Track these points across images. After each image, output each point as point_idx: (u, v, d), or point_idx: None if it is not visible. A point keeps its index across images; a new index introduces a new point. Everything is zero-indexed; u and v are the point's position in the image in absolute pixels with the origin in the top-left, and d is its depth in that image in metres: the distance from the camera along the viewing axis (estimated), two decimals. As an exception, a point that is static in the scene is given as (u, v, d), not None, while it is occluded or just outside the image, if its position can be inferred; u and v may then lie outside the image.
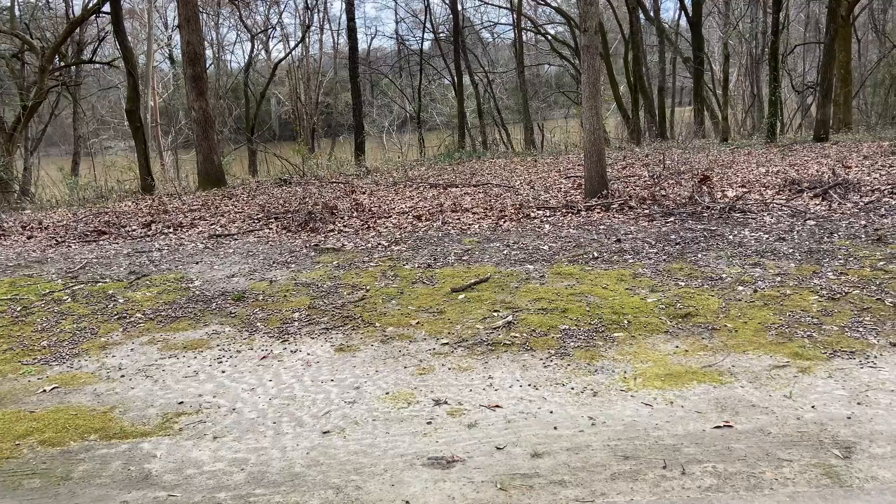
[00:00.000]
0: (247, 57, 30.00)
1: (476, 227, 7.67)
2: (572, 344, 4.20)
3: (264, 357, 4.24)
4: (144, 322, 5.00)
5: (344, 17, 24.64)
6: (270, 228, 8.17)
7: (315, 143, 26.21)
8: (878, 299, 4.57)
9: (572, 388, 3.62)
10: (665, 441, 3.02)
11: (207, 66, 16.49)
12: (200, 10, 16.21)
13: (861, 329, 4.15)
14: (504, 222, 7.80)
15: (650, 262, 5.77)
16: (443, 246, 6.78)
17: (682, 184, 9.23)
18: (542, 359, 4.01)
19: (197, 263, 6.66)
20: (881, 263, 5.27)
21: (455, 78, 22.99)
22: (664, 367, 3.80)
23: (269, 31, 28.05)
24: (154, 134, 23.63)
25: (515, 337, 4.33)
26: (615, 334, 4.30)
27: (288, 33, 32.06)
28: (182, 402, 3.67)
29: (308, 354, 4.25)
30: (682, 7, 20.88)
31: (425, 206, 8.96)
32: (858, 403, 3.27)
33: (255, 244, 7.42)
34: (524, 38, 26.30)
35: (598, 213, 7.93)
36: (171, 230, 8.53)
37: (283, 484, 2.84)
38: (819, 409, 3.24)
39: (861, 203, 7.38)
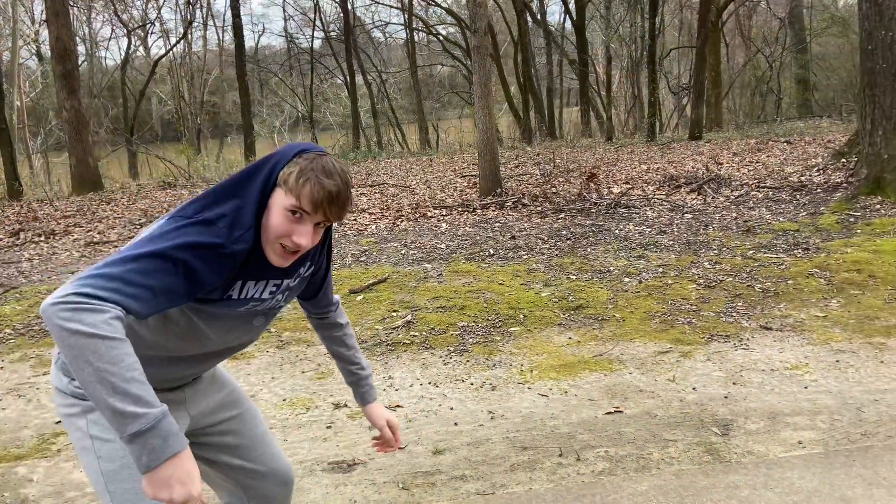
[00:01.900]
0: (123, 53, 28.36)
1: (373, 227, 7.62)
2: (471, 340, 4.26)
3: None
4: (15, 338, 4.62)
5: (229, 13, 23.79)
6: (155, 233, 7.76)
7: (201, 144, 25.16)
8: (748, 286, 4.92)
9: (472, 384, 3.66)
10: (561, 430, 3.12)
11: (80, 62, 15.45)
12: (71, 3, 15.17)
13: (735, 314, 4.45)
14: (401, 222, 7.79)
15: (543, 257, 5.95)
16: (339, 247, 6.69)
17: (571, 181, 9.58)
18: (441, 356, 4.03)
19: (72, 273, 6.22)
20: (750, 252, 5.69)
21: (348, 77, 22.77)
22: (559, 359, 3.92)
23: (148, 26, 26.63)
24: (21, 136, 21.87)
25: (415, 336, 4.34)
26: (512, 329, 4.40)
27: (168, 29, 30.57)
28: (60, 422, 3.41)
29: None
30: (567, 11, 21.69)
31: (320, 208, 8.80)
32: (734, 383, 3.51)
33: (139, 250, 7.02)
34: (416, 38, 26.44)
35: (493, 210, 8.08)
36: (42, 238, 7.92)
37: (175, 501, 2.70)
38: (699, 390, 3.45)
39: (732, 197, 7.94)
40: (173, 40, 25.75)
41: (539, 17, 23.30)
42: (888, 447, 2.79)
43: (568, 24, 23.36)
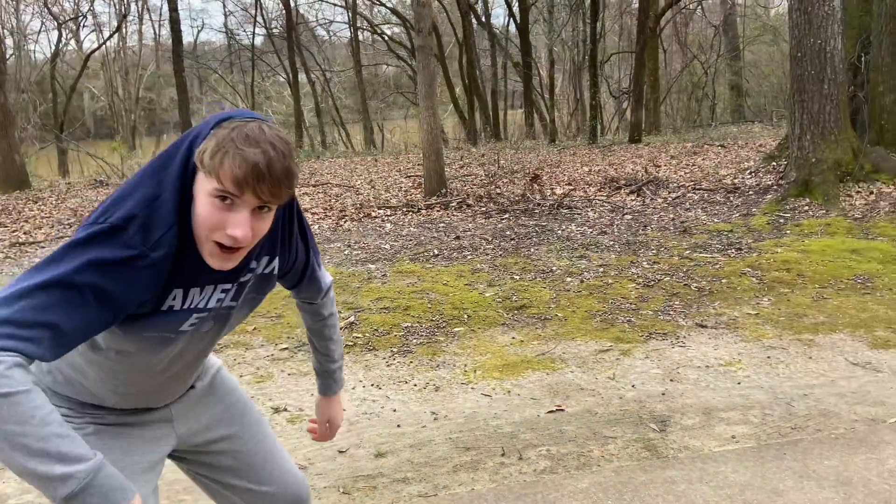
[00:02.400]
0: (53, 47, 27.22)
1: (316, 227, 7.51)
2: (415, 341, 4.23)
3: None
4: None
5: (166, 6, 23.14)
6: (86, 234, 7.45)
7: (136, 142, 24.37)
8: (685, 285, 5.05)
9: (415, 385, 3.64)
10: (504, 429, 3.12)
11: (7, 56, 14.75)
12: (-5, -9, 14.46)
13: (672, 312, 4.56)
14: (345, 222, 7.71)
15: (487, 257, 5.97)
16: (280, 247, 6.55)
17: (515, 182, 9.66)
18: (384, 358, 3.99)
19: (-4, 275, 5.91)
20: (687, 252, 5.84)
21: (290, 75, 22.42)
22: (502, 358, 3.93)
23: (80, 19, 25.64)
24: (-59, 130, 20.72)
25: (358, 337, 4.28)
26: (456, 329, 4.39)
27: (102, 22, 29.55)
28: None
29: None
30: (511, 14, 21.90)
31: (261, 207, 8.62)
32: (671, 380, 3.58)
33: (68, 251, 6.73)
34: (361, 37, 26.24)
35: (438, 211, 8.08)
36: (-37, 238, 7.50)
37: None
38: (638, 387, 3.51)
39: (669, 198, 8.15)
40: (107, 34, 24.88)
41: (484, 19, 23.46)
42: (817, 440, 2.89)
43: (512, 27, 23.60)
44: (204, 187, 1.11)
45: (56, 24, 24.40)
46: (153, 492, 1.40)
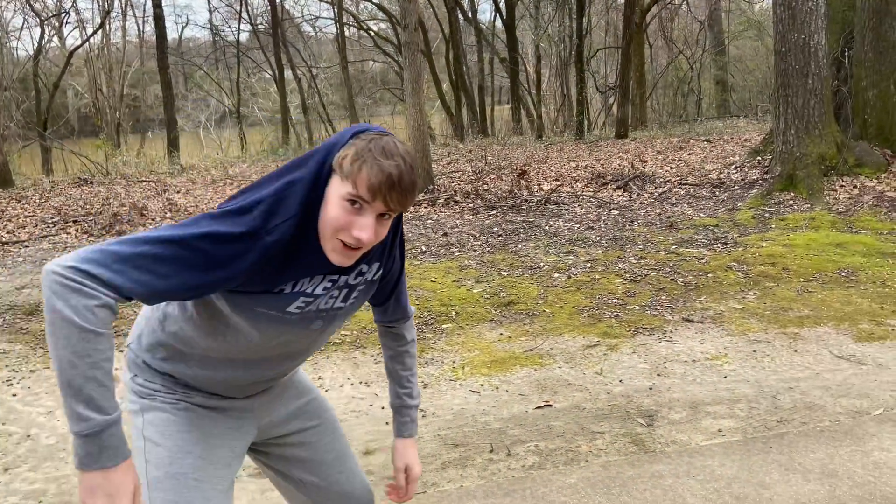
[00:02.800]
0: (36, 44, 26.90)
1: (302, 224, 7.48)
2: (402, 338, 4.22)
3: (64, 375, 3.81)
4: (-90, 346, 4.29)
5: (150, 2, 22.89)
6: (69, 233, 7.38)
7: (121, 139, 24.15)
8: (671, 280, 5.08)
9: (403, 382, 3.63)
10: (492, 425, 3.13)
11: (-13, 51, 14.56)
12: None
13: (658, 307, 4.58)
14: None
15: (475, 253, 5.97)
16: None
17: (502, 178, 9.66)
18: (373, 355, 3.99)
19: (-21, 275, 5.84)
20: (673, 247, 5.87)
21: (276, 72, 22.29)
22: (490, 355, 3.94)
23: (63, 15, 25.34)
24: (-79, 128, 20.43)
25: (346, 335, 4.27)
26: (444, 326, 4.39)
27: (85, 19, 29.24)
28: None
29: (116, 369, 3.87)
30: (497, 9, 21.88)
31: (248, 205, 8.58)
32: (658, 375, 3.60)
33: (51, 251, 6.66)
34: (347, 33, 26.13)
35: (426, 207, 8.07)
36: (-56, 238, 7.40)
37: (89, 514, 2.56)
38: (626, 382, 3.53)
39: (656, 193, 8.18)
40: (90, 30, 24.61)
41: (470, 14, 23.42)
42: (803, 433, 2.92)
43: (498, 23, 23.59)
44: (338, 190, 1.22)
45: (38, 20, 24.11)
46: (229, 487, 1.43)
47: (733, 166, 9.09)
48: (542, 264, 5.56)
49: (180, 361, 1.40)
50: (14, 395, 3.59)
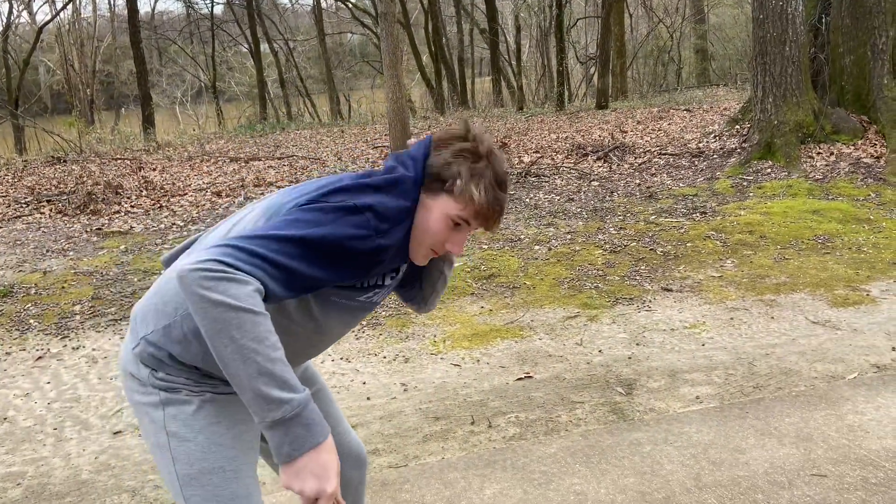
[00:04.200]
0: (4, 19, 26.15)
1: (281, 200, 7.40)
2: (384, 313, 4.21)
3: (40, 357, 3.76)
4: None
5: (121, -25, 22.29)
6: (42, 213, 7.25)
7: (95, 116, 23.68)
8: (651, 250, 5.10)
9: (384, 357, 3.63)
10: (473, 398, 3.14)
11: (-49, 27, 14.13)
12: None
13: (638, 277, 4.61)
14: (310, 195, 7.60)
15: (455, 227, 5.95)
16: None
17: (482, 151, 9.60)
18: (354, 331, 3.98)
19: (-50, 257, 5.73)
20: (653, 217, 5.89)
21: (252, 45, 21.90)
22: (471, 328, 3.94)
23: (31, -12, 24.61)
24: None
25: (325, 311, 4.25)
26: (424, 300, 4.38)
27: (54, -8, 28.37)
28: None
29: (94, 350, 3.84)
30: (476, -21, 21.58)
31: (225, 182, 8.48)
32: (637, 344, 3.63)
33: (24, 231, 6.54)
34: (324, 4, 25.68)
35: (405, 181, 8.00)
36: (-86, 220, 7.25)
37: (69, 494, 2.55)
38: (605, 352, 3.55)
39: (636, 164, 8.19)
40: (60, 5, 23.94)
41: (448, -16, 23.09)
42: (778, 398, 2.96)
43: (477, -7, 23.27)
44: (445, 207, 1.28)
45: (4, -6, 23.41)
46: (255, 468, 1.42)
47: (712, 135, 9.12)
48: (522, 237, 5.56)
49: (208, 352, 1.34)
50: (-11, 379, 3.54)
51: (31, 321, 4.27)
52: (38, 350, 3.87)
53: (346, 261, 1.21)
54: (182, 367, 1.33)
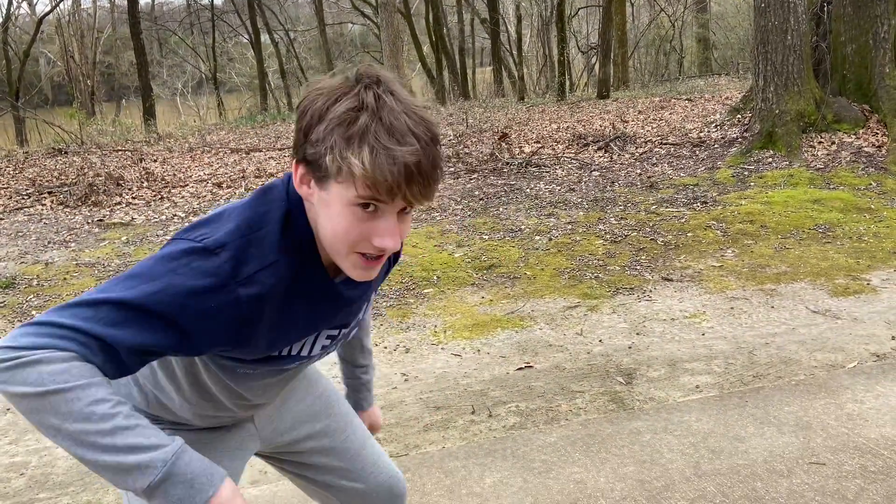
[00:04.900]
0: (4, 11, 26.09)
1: (282, 191, 7.41)
2: (385, 304, 4.22)
3: (43, 349, 3.78)
4: None
5: (120, -34, 22.23)
6: (44, 204, 7.26)
7: (96, 108, 23.66)
8: (651, 240, 5.10)
9: (385, 347, 3.64)
10: (473, 388, 3.15)
11: (-50, 18, 14.11)
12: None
13: (638, 267, 4.61)
14: (311, 186, 7.60)
15: (457, 218, 5.95)
16: (247, 213, 6.46)
17: (483, 141, 9.59)
18: (353, 321, 3.99)
19: (-48, 249, 5.75)
20: (653, 207, 5.89)
21: (252, 36, 21.84)
22: (472, 318, 3.95)
23: (30, -21, 24.54)
24: None
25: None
26: (425, 291, 4.39)
27: (54, -17, 28.26)
28: None
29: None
30: (477, -32, 21.49)
31: (226, 173, 8.48)
32: (637, 334, 3.64)
33: (26, 223, 6.56)
34: (324, -5, 25.55)
35: (406, 172, 8.00)
36: (-84, 213, 7.26)
37: (72, 484, 2.57)
38: (605, 342, 3.56)
39: (637, 154, 8.17)
40: (58, -5, 23.85)
41: (449, -26, 23.00)
42: (778, 387, 2.97)
43: (478, -18, 23.18)
44: (339, 194, 0.95)
45: (3, -15, 23.34)
46: None
47: (713, 125, 9.09)
48: (523, 227, 5.56)
49: (164, 407, 1.23)
50: (-8, 370, 3.56)
51: (34, 312, 4.28)
52: (40, 341, 3.88)
53: (197, 323, 0.95)
54: (145, 415, 1.23)
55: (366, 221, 0.96)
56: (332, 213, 0.97)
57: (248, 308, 0.98)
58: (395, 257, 1.27)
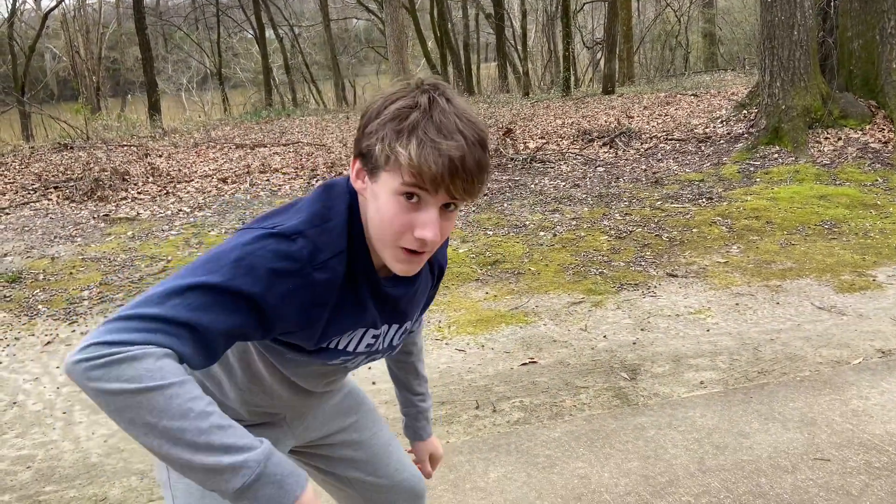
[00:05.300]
0: (10, 6, 26.14)
1: (287, 187, 7.41)
2: (388, 298, 4.23)
3: (49, 342, 3.80)
4: None
5: (125, -39, 22.23)
6: (50, 199, 7.29)
7: (101, 103, 23.70)
8: (656, 235, 5.09)
9: (389, 342, 3.65)
10: (478, 383, 3.16)
11: (-44, 13, 14.10)
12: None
13: (643, 263, 4.60)
14: (316, 181, 7.61)
15: (461, 213, 5.95)
16: (252, 209, 6.47)
17: (488, 137, 9.57)
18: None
19: (-41, 244, 5.77)
20: (658, 203, 5.87)
21: (257, 31, 21.83)
22: (476, 314, 3.95)
23: (35, -26, 24.55)
24: None
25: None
26: (429, 285, 4.40)
27: (59, -22, 28.28)
28: None
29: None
30: (482, -37, 21.42)
31: (231, 168, 8.49)
32: (642, 329, 3.64)
33: (32, 217, 6.58)
34: (328, -10, 25.50)
35: (410, 167, 7.99)
36: (-77, 207, 7.29)
37: (78, 477, 2.58)
38: (610, 338, 3.56)
39: (642, 149, 8.15)
40: (64, -10, 23.87)
41: (454, -31, 22.92)
42: (783, 383, 2.97)
43: (483, -23, 23.11)
44: (387, 184, 0.99)
45: (9, -19, 23.38)
46: None
47: (719, 120, 9.06)
48: (527, 223, 5.55)
49: (213, 397, 1.22)
50: (-1, 363, 3.58)
51: (40, 306, 4.30)
52: (46, 335, 3.90)
53: (278, 303, 0.98)
54: None
55: (409, 212, 0.99)
56: (379, 203, 1.01)
57: (321, 291, 1.02)
58: (439, 272, 1.30)
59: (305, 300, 1.01)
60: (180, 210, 6.54)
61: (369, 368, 3.35)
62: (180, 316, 0.92)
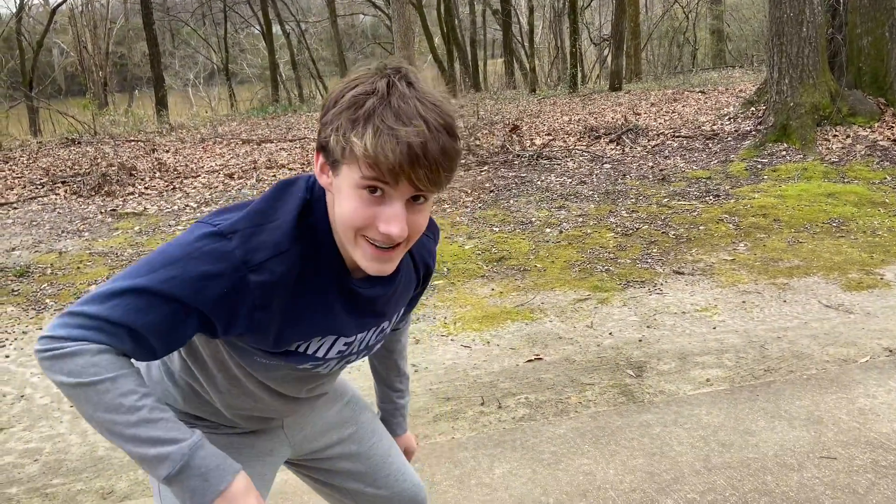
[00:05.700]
0: (18, 1, 26.21)
1: (293, 182, 7.42)
2: (394, 294, 4.23)
3: (57, 337, 3.82)
4: None
5: (133, -44, 22.26)
6: (57, 194, 7.32)
7: (108, 98, 23.78)
8: (663, 233, 5.08)
9: (395, 338, 3.65)
10: (483, 379, 3.16)
11: (-35, 8, 14.16)
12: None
13: (650, 260, 4.59)
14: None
15: (467, 210, 5.95)
16: (258, 204, 6.49)
17: (494, 133, 9.56)
18: (364, 312, 4.00)
19: (-32, 238, 5.80)
20: (665, 200, 5.86)
21: (264, 27, 21.85)
22: (482, 310, 3.95)
23: (43, -30, 24.62)
24: None
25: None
26: (436, 282, 4.40)
27: (67, -26, 28.35)
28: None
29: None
30: (489, -41, 21.37)
31: (237, 164, 8.50)
32: (648, 327, 3.63)
33: (40, 212, 6.61)
34: (335, -14, 25.49)
35: (416, 164, 7.99)
36: (-68, 201, 7.33)
37: (85, 470, 2.60)
38: (616, 335, 3.55)
39: (649, 146, 8.13)
40: (72, -14, 23.95)
41: (461, -35, 22.89)
42: (789, 381, 2.96)
43: (490, -27, 23.06)
44: (348, 177, 0.94)
45: (17, -24, 23.45)
46: None
47: (727, 117, 9.02)
48: (533, 219, 5.55)
49: (198, 403, 1.25)
50: (7, 357, 3.60)
51: (48, 300, 4.32)
52: (54, 329, 3.92)
53: (214, 306, 0.97)
54: (176, 412, 1.25)
55: (372, 206, 0.94)
56: (342, 197, 0.96)
57: (259, 294, 0.98)
58: (426, 273, 1.26)
59: (243, 303, 0.98)
60: (187, 205, 6.56)
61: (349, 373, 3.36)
62: (117, 317, 0.95)
